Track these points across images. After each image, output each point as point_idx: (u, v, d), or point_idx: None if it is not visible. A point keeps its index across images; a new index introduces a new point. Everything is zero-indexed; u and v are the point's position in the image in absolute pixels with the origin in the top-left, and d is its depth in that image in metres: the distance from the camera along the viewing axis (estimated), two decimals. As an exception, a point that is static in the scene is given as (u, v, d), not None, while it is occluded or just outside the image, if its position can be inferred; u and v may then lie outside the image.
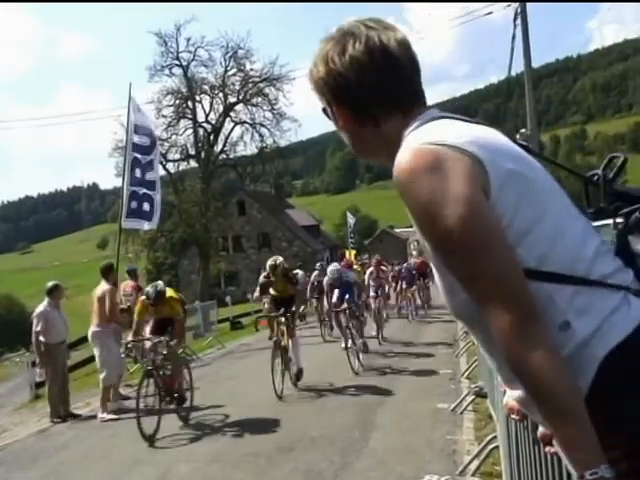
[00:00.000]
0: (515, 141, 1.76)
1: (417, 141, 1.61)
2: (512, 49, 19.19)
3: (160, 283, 10.05)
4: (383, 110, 1.75)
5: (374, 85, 1.73)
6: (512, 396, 1.80)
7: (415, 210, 1.56)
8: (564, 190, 1.71)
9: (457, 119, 1.72)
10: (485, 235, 1.50)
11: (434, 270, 1.74)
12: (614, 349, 1.52)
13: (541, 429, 1.93)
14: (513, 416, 2.10)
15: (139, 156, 15.05)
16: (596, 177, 1.79)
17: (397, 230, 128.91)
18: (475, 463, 6.27)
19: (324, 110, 1.88)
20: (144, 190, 14.97)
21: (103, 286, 11.28)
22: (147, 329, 10.09)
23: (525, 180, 1.59)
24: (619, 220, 1.72)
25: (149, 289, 9.69)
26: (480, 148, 1.57)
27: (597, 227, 1.72)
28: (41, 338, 10.52)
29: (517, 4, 19.24)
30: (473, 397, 8.68)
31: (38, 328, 10.55)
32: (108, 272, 11.64)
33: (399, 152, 1.62)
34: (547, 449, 1.87)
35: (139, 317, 9.82)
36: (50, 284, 11.00)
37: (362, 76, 1.73)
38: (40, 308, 10.74)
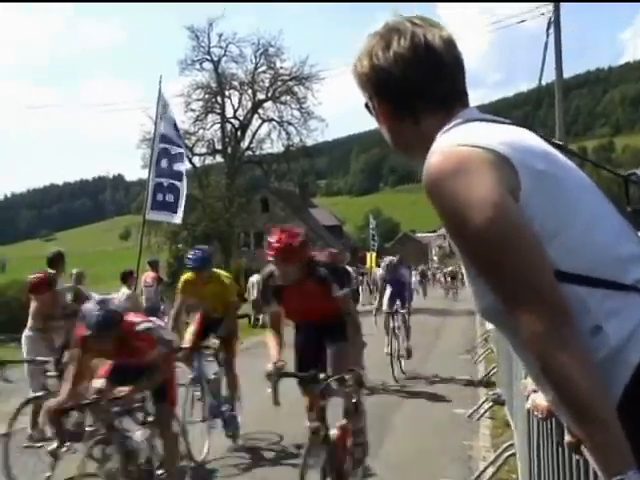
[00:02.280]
0: (550, 141, 1.75)
1: (446, 143, 1.61)
2: (544, 58, 19.09)
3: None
4: (423, 107, 1.76)
5: (416, 82, 1.74)
6: (543, 397, 1.78)
7: (443, 212, 1.56)
8: (600, 190, 1.69)
9: (490, 121, 1.71)
10: (513, 237, 1.48)
11: (464, 273, 1.73)
12: None
13: (567, 436, 1.90)
14: (537, 414, 2.08)
15: (168, 147, 15.13)
16: (635, 176, 1.77)
17: (419, 234, 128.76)
18: (490, 470, 6.24)
19: (366, 105, 1.89)
20: (171, 181, 15.04)
21: None
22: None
23: (556, 181, 1.58)
24: None
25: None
26: (510, 149, 1.56)
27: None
28: None
29: (551, 14, 19.13)
30: (491, 404, 8.64)
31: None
32: (54, 261, 9.57)
33: (429, 154, 1.62)
34: (575, 457, 1.85)
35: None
36: (74, 271, 11.04)
37: (405, 72, 1.74)
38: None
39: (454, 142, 1.59)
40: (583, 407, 1.41)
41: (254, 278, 24.51)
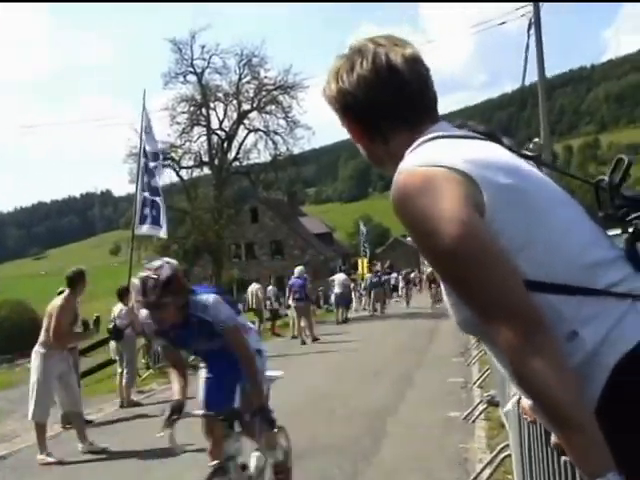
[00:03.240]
0: (519, 152, 1.78)
1: (411, 163, 1.64)
2: (526, 59, 19.25)
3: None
4: (390, 127, 1.81)
5: (381, 103, 1.79)
6: (526, 402, 1.80)
7: (410, 230, 1.60)
8: (572, 198, 1.72)
9: (457, 137, 1.74)
10: (479, 252, 1.51)
11: (442, 287, 1.76)
12: (624, 358, 1.52)
13: (554, 438, 1.92)
14: (525, 417, 2.10)
15: (151, 162, 15.19)
16: (604, 183, 1.78)
17: (409, 239, 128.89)
18: (487, 471, 6.24)
19: (343, 124, 1.93)
20: (152, 197, 15.11)
21: (57, 299, 9.06)
22: None
23: (521, 194, 1.60)
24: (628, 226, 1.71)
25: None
26: (473, 166, 1.58)
27: (614, 235, 1.72)
28: None
29: (531, 14, 19.23)
30: (485, 406, 8.65)
31: None
32: (73, 282, 9.14)
33: (395, 174, 1.65)
34: (563, 458, 1.87)
35: None
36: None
37: (369, 94, 1.79)
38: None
39: (418, 162, 1.63)
40: (559, 413, 1.43)
41: (252, 287, 24.66)
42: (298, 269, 21.82)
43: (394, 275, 38.02)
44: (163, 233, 16.15)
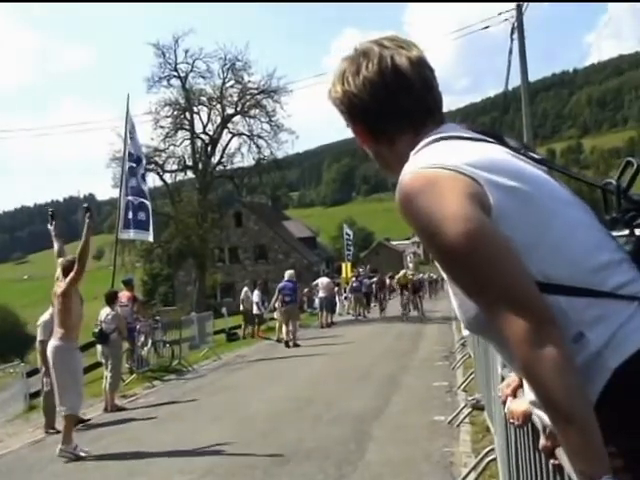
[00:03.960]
0: (526, 154, 1.78)
1: (415, 165, 1.65)
2: (509, 63, 19.35)
3: None
4: (396, 128, 1.82)
5: (386, 105, 1.80)
6: (520, 403, 1.80)
7: (418, 230, 1.61)
8: (577, 199, 1.73)
9: (463, 138, 1.75)
10: (487, 247, 1.52)
11: (448, 287, 1.77)
12: (626, 361, 1.53)
13: (542, 440, 1.92)
14: (513, 421, 2.09)
15: (137, 165, 15.14)
16: (611, 185, 1.79)
17: (393, 242, 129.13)
18: (472, 475, 6.23)
19: (348, 126, 1.95)
20: (140, 199, 15.04)
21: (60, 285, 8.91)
22: None
23: (527, 196, 1.61)
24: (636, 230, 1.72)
25: None
26: (477, 169, 1.60)
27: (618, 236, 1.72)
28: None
29: (514, 19, 19.32)
30: (470, 409, 8.65)
31: (43, 337, 10.25)
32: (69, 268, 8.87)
33: (400, 175, 1.67)
34: (551, 461, 1.87)
35: None
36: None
37: (375, 96, 1.80)
38: (46, 317, 10.51)
39: (422, 164, 1.64)
40: (562, 407, 1.44)
41: (247, 289, 24.99)
42: (289, 272, 21.84)
43: (373, 280, 37.42)
44: (150, 236, 16.11)
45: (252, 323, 25.70)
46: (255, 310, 25.30)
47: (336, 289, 28.26)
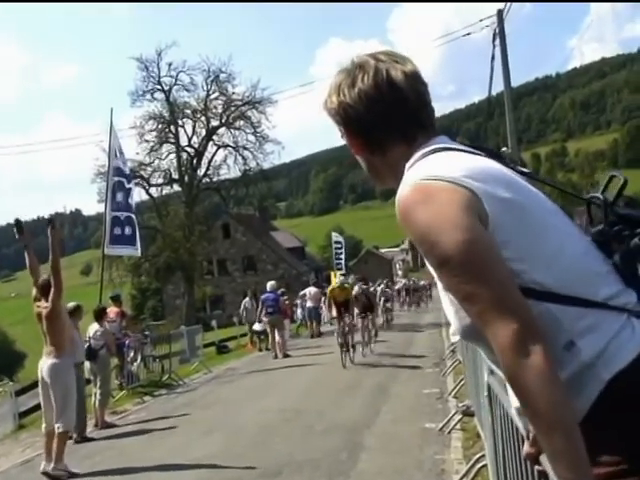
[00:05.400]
0: (514, 167, 1.83)
1: (414, 177, 1.69)
2: (492, 69, 19.43)
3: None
4: (389, 140, 1.87)
5: (381, 117, 1.85)
6: (512, 404, 1.83)
7: (416, 240, 1.65)
8: (564, 213, 1.77)
9: (456, 150, 1.79)
10: (482, 258, 1.56)
11: (441, 295, 1.80)
12: (619, 373, 1.55)
13: (526, 447, 1.93)
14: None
15: (123, 180, 15.10)
16: (597, 199, 1.82)
17: (382, 250, 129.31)
18: (464, 482, 6.24)
19: (342, 137, 1.99)
20: (127, 214, 15.00)
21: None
22: None
23: (521, 207, 1.65)
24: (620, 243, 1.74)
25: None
26: (474, 180, 1.63)
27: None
28: None
29: (495, 25, 19.44)
30: (461, 416, 8.67)
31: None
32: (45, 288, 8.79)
33: (399, 188, 1.71)
34: (535, 467, 1.88)
35: None
36: (71, 305, 10.89)
37: (369, 108, 1.85)
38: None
39: (420, 176, 1.68)
40: (546, 418, 1.46)
41: (247, 300, 25.02)
42: (270, 283, 21.82)
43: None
44: (138, 251, 16.08)
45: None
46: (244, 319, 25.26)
47: (323, 299, 27.95)
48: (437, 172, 1.65)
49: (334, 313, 18.04)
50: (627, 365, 1.55)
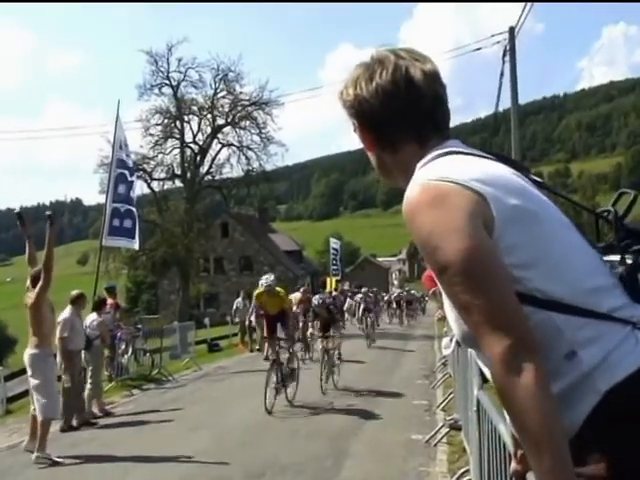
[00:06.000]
0: (527, 176, 1.81)
1: (424, 177, 1.67)
2: (500, 85, 19.41)
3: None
4: (402, 138, 1.84)
5: (395, 113, 1.82)
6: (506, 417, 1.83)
7: (419, 242, 1.63)
8: (573, 223, 1.75)
9: (469, 154, 1.77)
10: (482, 268, 1.54)
11: (444, 299, 1.77)
12: (617, 385, 1.54)
13: (513, 464, 1.93)
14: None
15: (126, 172, 15.09)
16: (606, 214, 1.82)
17: (379, 259, 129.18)
18: (447, 496, 6.25)
19: (355, 130, 1.97)
20: (127, 206, 14.99)
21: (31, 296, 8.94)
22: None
23: (530, 215, 1.64)
24: (628, 257, 1.74)
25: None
26: (484, 184, 1.62)
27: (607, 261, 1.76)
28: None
29: (506, 41, 19.46)
30: (448, 429, 8.66)
31: (65, 334, 10.54)
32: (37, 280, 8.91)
33: (408, 187, 1.69)
34: None
35: None
36: (74, 292, 11.14)
37: (385, 104, 1.82)
38: (66, 314, 10.77)
39: (431, 176, 1.66)
40: (535, 436, 1.44)
41: (241, 299, 24.83)
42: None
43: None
44: (136, 244, 16.07)
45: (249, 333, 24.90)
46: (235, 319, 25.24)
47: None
48: (448, 174, 1.64)
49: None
50: (626, 377, 1.53)
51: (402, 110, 1.81)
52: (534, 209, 1.65)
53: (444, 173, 1.65)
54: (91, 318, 12.48)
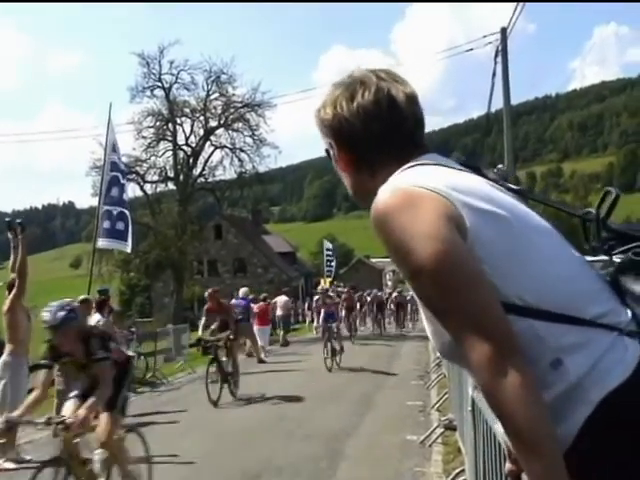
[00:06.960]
0: (504, 184, 1.79)
1: (395, 183, 1.65)
2: (492, 86, 19.44)
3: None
4: (380, 160, 1.81)
5: (376, 135, 1.80)
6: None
7: (390, 247, 1.59)
8: (554, 229, 1.72)
9: (441, 165, 1.74)
10: (457, 270, 1.51)
11: (421, 311, 1.75)
12: (609, 395, 1.51)
13: (508, 465, 1.92)
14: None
15: (118, 175, 15.06)
16: (591, 215, 1.79)
17: (373, 260, 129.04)
18: (442, 496, 6.24)
19: (327, 150, 1.94)
20: (120, 209, 14.95)
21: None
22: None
23: (502, 220, 1.60)
24: (614, 259, 1.71)
25: None
26: (454, 191, 1.59)
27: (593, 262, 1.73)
28: None
29: (498, 42, 19.50)
30: (443, 430, 8.66)
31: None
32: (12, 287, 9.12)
33: (378, 191, 1.65)
34: None
35: None
36: (80, 298, 11.17)
37: (367, 125, 1.79)
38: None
39: (403, 182, 1.63)
40: (522, 437, 1.42)
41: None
42: (243, 290, 21.53)
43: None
44: (129, 247, 16.02)
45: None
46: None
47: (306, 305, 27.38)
48: (418, 181, 1.61)
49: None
50: (618, 386, 1.50)
51: (383, 131, 1.79)
52: (508, 217, 1.62)
53: (414, 180, 1.62)
54: (96, 318, 12.40)
